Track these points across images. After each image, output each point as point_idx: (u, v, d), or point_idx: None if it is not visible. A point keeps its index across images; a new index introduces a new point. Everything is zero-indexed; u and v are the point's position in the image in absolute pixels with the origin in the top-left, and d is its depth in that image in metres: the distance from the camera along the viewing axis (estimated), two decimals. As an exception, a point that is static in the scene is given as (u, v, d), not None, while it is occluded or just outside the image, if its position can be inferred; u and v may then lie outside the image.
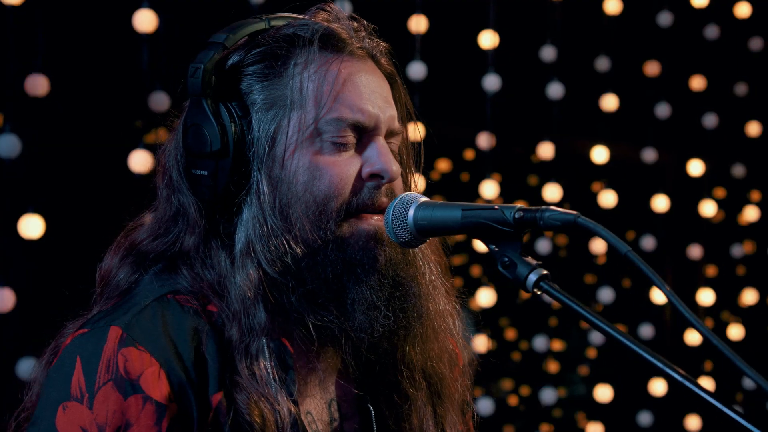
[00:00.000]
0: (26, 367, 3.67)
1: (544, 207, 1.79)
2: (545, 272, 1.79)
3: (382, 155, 1.95)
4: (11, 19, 3.76)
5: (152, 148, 3.89)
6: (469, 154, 6.21)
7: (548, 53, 4.92)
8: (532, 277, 1.78)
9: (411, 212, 1.92)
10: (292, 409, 1.88)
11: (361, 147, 1.96)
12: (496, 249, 1.83)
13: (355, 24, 2.02)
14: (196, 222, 1.96)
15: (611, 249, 1.66)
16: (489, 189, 4.80)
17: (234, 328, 1.89)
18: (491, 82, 4.75)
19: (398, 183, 2.00)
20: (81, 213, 4.20)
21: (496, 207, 1.84)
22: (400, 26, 4.53)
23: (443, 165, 6.32)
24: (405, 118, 2.07)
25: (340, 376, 2.03)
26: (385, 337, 1.95)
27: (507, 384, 6.59)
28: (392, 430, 2.04)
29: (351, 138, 1.94)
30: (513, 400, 6.61)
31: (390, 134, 2.00)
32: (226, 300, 1.91)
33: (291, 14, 2.06)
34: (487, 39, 4.75)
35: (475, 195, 4.87)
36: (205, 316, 1.91)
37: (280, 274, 1.90)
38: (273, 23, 2.02)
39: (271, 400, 1.86)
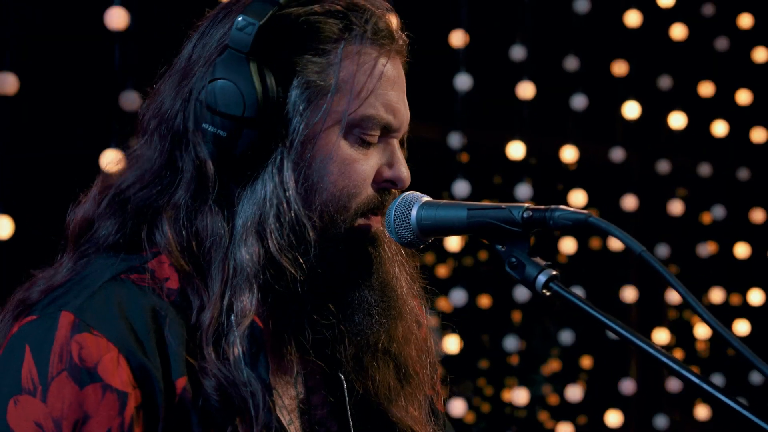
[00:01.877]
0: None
1: (554, 206, 1.75)
2: (555, 273, 1.75)
3: (400, 162, 1.91)
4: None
5: (124, 148, 3.84)
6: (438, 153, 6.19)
7: (518, 53, 4.92)
8: (542, 278, 1.74)
9: (414, 212, 1.87)
10: (265, 395, 1.75)
11: (380, 147, 1.90)
12: (503, 249, 1.79)
13: (396, 17, 1.95)
14: (194, 180, 1.82)
15: (581, 248, 1.63)
16: (460, 188, 4.78)
17: (210, 307, 1.76)
18: (462, 81, 4.74)
19: None
20: (52, 214, 4.12)
21: (503, 206, 1.79)
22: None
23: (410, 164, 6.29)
24: None
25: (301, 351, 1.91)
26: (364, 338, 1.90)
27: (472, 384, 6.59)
28: (363, 399, 1.95)
29: (376, 138, 1.88)
30: (476, 401, 6.60)
31: (402, 136, 1.96)
32: (208, 274, 1.79)
33: None
34: (458, 38, 4.74)
35: (447, 195, 4.84)
36: (164, 295, 1.78)
37: (289, 262, 1.80)
38: None
39: (241, 385, 1.74)
